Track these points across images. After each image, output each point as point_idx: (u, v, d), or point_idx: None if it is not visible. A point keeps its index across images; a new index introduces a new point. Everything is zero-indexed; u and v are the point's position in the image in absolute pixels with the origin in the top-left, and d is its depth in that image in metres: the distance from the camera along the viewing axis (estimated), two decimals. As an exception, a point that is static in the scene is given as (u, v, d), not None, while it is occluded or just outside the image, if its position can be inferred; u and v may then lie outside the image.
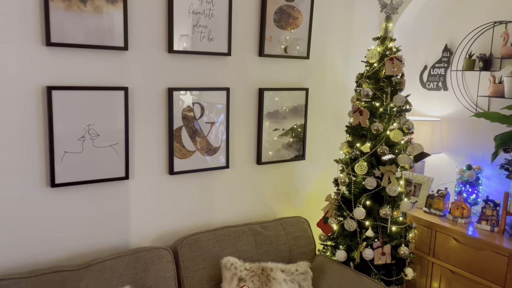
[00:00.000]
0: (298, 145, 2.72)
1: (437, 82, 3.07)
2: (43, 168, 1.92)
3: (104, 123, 2.02)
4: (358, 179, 2.39)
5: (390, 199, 2.35)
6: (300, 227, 2.51)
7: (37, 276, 1.76)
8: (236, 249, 2.24)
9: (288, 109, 2.64)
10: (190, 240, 2.17)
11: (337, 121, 2.92)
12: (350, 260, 2.40)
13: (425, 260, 2.64)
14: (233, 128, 2.47)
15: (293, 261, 2.39)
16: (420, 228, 2.65)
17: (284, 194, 2.75)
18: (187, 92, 2.25)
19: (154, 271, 2.00)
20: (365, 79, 2.39)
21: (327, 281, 2.22)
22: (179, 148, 2.28)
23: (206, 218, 2.45)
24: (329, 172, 2.92)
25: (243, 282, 2.05)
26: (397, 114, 2.37)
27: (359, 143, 2.39)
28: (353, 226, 2.35)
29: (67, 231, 2.02)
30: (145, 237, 2.25)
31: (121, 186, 2.14)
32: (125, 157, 2.11)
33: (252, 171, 2.59)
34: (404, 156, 2.30)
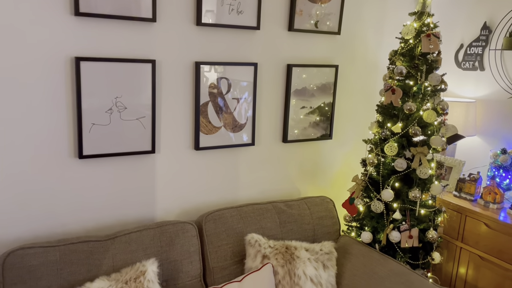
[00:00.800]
0: (325, 124, 2.66)
1: (473, 61, 2.93)
2: (71, 140, 1.93)
3: (131, 96, 2.01)
4: (387, 160, 2.32)
5: (420, 181, 2.27)
6: (325, 207, 2.47)
7: (65, 245, 1.79)
8: (260, 227, 2.23)
9: (317, 87, 2.57)
10: (215, 216, 2.16)
11: (367, 100, 2.83)
12: (376, 242, 2.35)
13: (452, 245, 2.58)
14: (259, 104, 2.42)
15: (317, 240, 2.37)
16: (449, 212, 2.57)
17: (310, 173, 2.71)
18: (214, 66, 2.21)
19: (179, 245, 2.01)
20: (399, 56, 2.29)
21: (352, 262, 2.19)
22: (205, 123, 2.25)
23: (230, 194, 2.44)
24: (357, 153, 2.86)
25: (267, 259, 2.04)
26: (431, 93, 2.27)
27: (390, 123, 2.31)
28: (380, 208, 2.30)
29: (94, 202, 2.04)
30: (170, 211, 2.26)
31: (147, 160, 2.14)
32: (151, 131, 2.10)
33: (278, 149, 2.55)
34: (436, 138, 2.22)
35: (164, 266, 1.95)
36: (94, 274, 1.79)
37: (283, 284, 2.00)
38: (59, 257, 1.74)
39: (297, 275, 2.01)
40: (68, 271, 1.74)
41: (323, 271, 2.07)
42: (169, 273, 1.96)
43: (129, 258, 1.88)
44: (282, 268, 2.02)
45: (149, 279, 1.78)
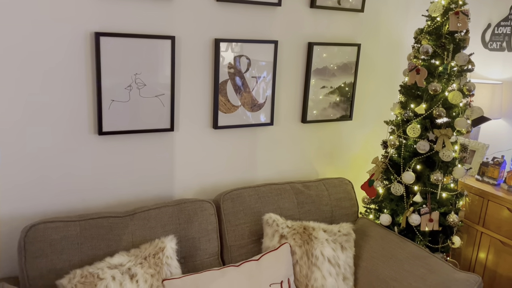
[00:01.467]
0: (345, 104, 2.60)
1: (501, 42, 2.82)
2: (91, 116, 1.93)
3: (150, 73, 1.99)
4: (409, 142, 2.27)
5: (442, 164, 2.22)
6: (344, 188, 2.44)
7: (85, 220, 1.81)
8: (278, 207, 2.22)
9: (337, 66, 2.51)
10: (233, 195, 2.16)
11: (390, 81, 2.76)
12: (395, 225, 2.32)
13: (473, 230, 2.53)
14: (279, 83, 2.38)
15: (335, 222, 2.35)
16: (471, 196, 2.52)
17: (328, 154, 2.67)
18: (233, 44, 2.16)
19: (197, 223, 2.01)
20: (425, 34, 2.22)
21: (370, 244, 2.17)
22: (224, 102, 2.22)
23: (248, 174, 2.43)
24: (377, 134, 2.80)
25: (284, 239, 2.03)
26: (457, 74, 2.19)
27: (413, 104, 2.25)
28: (400, 191, 2.26)
29: (114, 178, 2.05)
30: (188, 189, 2.26)
31: (166, 138, 2.13)
32: (170, 109, 2.08)
33: (297, 130, 2.51)
34: (461, 120, 2.16)
35: (182, 243, 1.96)
36: (114, 249, 1.81)
37: (301, 264, 1.99)
38: (79, 232, 1.76)
39: (315, 255, 2.00)
40: (88, 245, 1.76)
41: (341, 252, 2.05)
42: (187, 250, 1.97)
43: (148, 234, 1.89)
44: (300, 248, 2.01)
45: (167, 255, 1.79)
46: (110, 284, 1.63)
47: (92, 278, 1.62)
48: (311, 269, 1.98)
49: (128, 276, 1.68)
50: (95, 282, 1.61)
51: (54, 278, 1.68)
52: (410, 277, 1.94)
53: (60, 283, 1.59)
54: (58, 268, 1.69)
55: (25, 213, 1.88)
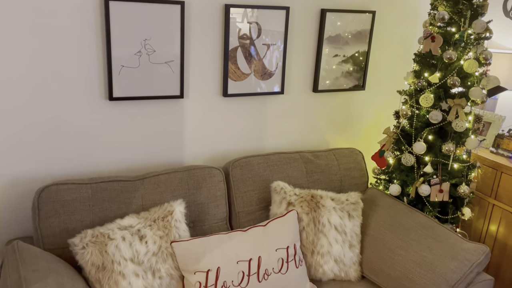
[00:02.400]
0: (358, 74, 2.56)
1: (524, 10, 2.71)
2: (101, 81, 1.95)
3: (160, 39, 1.99)
4: (422, 112, 2.23)
5: (455, 135, 2.19)
6: (354, 158, 2.43)
7: (97, 183, 1.85)
8: (287, 175, 2.23)
9: (351, 34, 2.45)
10: (242, 163, 2.17)
11: (404, 49, 2.69)
12: (404, 195, 2.32)
13: (485, 202, 2.51)
14: (290, 51, 2.35)
15: (344, 191, 2.35)
16: (484, 168, 2.48)
17: (339, 124, 2.65)
18: (244, 9, 2.13)
19: (206, 189, 2.04)
20: (442, 0, 2.14)
21: (378, 213, 2.17)
22: (234, 69, 2.21)
23: (257, 143, 2.43)
24: (390, 104, 2.76)
25: (292, 207, 2.05)
26: (474, 42, 2.13)
27: (427, 72, 2.20)
28: (410, 161, 2.24)
29: (125, 144, 2.08)
30: (198, 157, 2.29)
31: (175, 105, 2.15)
32: (180, 76, 2.09)
33: (308, 99, 2.49)
34: (476, 89, 2.10)
35: (191, 208, 2.00)
36: (124, 211, 1.86)
37: (307, 231, 2.01)
38: (91, 194, 1.81)
39: (322, 223, 2.02)
40: (100, 207, 1.81)
41: (348, 221, 2.07)
42: (196, 215, 2.01)
43: (157, 198, 1.93)
44: (307, 216, 2.03)
45: (176, 218, 1.83)
46: (120, 244, 1.68)
47: (103, 238, 1.68)
48: (317, 235, 2.01)
49: (137, 237, 1.73)
50: (106, 241, 1.67)
51: (66, 237, 1.74)
52: (417, 246, 1.94)
53: (72, 242, 1.65)
54: (70, 228, 1.75)
55: (37, 176, 1.94)
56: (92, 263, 1.63)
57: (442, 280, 1.79)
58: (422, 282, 1.83)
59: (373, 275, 2.02)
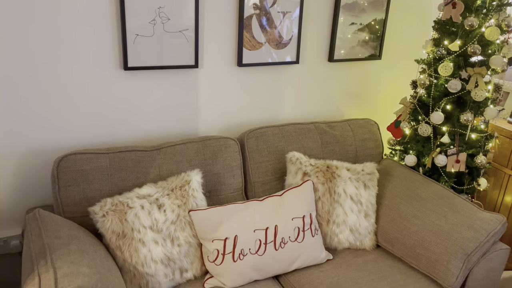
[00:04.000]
0: (375, 42, 2.51)
1: (548, -25, 2.60)
2: (116, 50, 1.93)
3: (174, 7, 1.95)
4: (441, 81, 2.19)
5: (473, 104, 2.15)
6: (369, 129, 2.41)
7: (114, 153, 1.86)
8: (302, 146, 2.22)
9: (368, 2, 2.39)
10: (257, 133, 2.17)
11: (424, 17, 2.62)
12: (420, 166, 2.31)
13: (501, 172, 2.49)
14: (306, 20, 2.30)
15: (359, 162, 2.35)
16: (501, 139, 2.45)
17: (355, 95, 2.62)
18: (259, -24, 2.08)
19: (222, 159, 2.05)
20: (465, -36, 2.06)
21: (394, 184, 2.17)
22: (249, 38, 2.17)
23: (272, 113, 2.42)
24: (407, 74, 2.71)
25: (307, 177, 2.06)
26: (497, 8, 2.06)
27: (447, 40, 2.14)
28: (427, 131, 2.22)
29: (140, 114, 2.08)
30: (213, 127, 2.28)
31: (190, 75, 2.13)
32: (194, 45, 2.06)
33: (323, 69, 2.45)
34: (497, 57, 2.05)
35: (208, 178, 2.01)
36: (142, 181, 1.87)
37: (323, 201, 2.02)
38: (109, 164, 1.82)
39: (337, 192, 2.03)
40: (118, 177, 1.83)
41: (364, 191, 2.07)
42: (212, 185, 2.02)
43: (174, 168, 1.94)
44: (323, 186, 2.03)
45: (193, 188, 1.84)
46: (139, 212, 1.70)
47: (122, 206, 1.70)
48: (333, 205, 2.01)
49: (156, 205, 1.75)
50: (125, 210, 1.69)
51: (86, 206, 1.77)
52: (433, 215, 1.94)
53: (92, 210, 1.68)
54: (89, 196, 1.78)
55: (55, 145, 1.95)
56: (113, 231, 1.66)
57: (458, 249, 1.80)
58: (438, 251, 1.84)
59: (388, 244, 2.03)
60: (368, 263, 1.97)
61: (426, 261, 1.87)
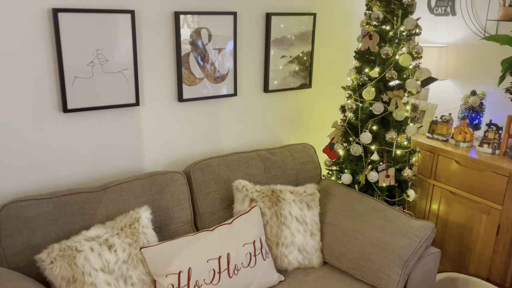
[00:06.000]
0: (304, 73, 2.71)
1: (445, 7, 3.00)
2: (55, 94, 1.92)
3: (112, 48, 2.00)
4: (365, 104, 2.41)
5: (396, 124, 2.39)
6: (307, 153, 2.57)
7: (58, 197, 1.83)
8: (246, 173, 2.32)
9: (295, 36, 2.59)
10: (202, 165, 2.23)
11: (345, 47, 2.89)
12: (355, 183, 2.49)
13: (426, 183, 2.75)
14: (240, 55, 2.44)
15: (300, 184, 2.48)
16: (423, 153, 2.72)
17: (291, 122, 2.79)
18: (194, 16, 2.19)
19: (169, 193, 2.08)
20: (376, 1, 2.33)
21: (334, 202, 2.32)
22: (188, 75, 2.26)
23: (215, 145, 2.50)
24: (336, 100, 2.94)
25: (254, 203, 2.14)
26: (406, 38, 2.34)
27: (367, 68, 2.38)
28: (359, 151, 2.42)
29: (82, 155, 2.06)
30: (158, 162, 2.31)
31: (132, 113, 2.16)
32: (134, 83, 2.10)
33: (260, 99, 2.60)
34: (412, 81, 2.31)
35: (157, 213, 2.02)
36: (89, 223, 1.85)
37: (271, 224, 2.11)
38: (53, 208, 1.79)
39: (283, 215, 2.13)
40: (63, 221, 1.79)
41: (308, 211, 2.19)
42: (161, 220, 2.04)
43: (122, 207, 1.94)
44: (269, 210, 2.13)
45: (143, 224, 1.85)
46: (89, 255, 1.68)
47: (71, 250, 1.67)
48: (280, 228, 2.11)
49: (106, 246, 1.73)
50: (74, 254, 1.66)
51: (32, 254, 1.71)
52: (371, 228, 2.11)
53: (39, 258, 1.63)
54: (34, 244, 1.72)
55: (-5, 194, 1.87)
56: (62, 277, 1.62)
57: (396, 257, 1.97)
58: (379, 261, 1.99)
59: (334, 260, 2.16)
60: (318, 280, 2.07)
61: (369, 271, 2.01)
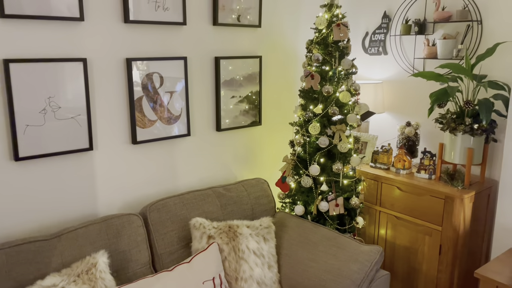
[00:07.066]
0: (254, 111, 2.85)
1: (377, 47, 3.30)
2: (5, 142, 1.91)
3: (64, 95, 2.03)
4: (312, 139, 2.58)
5: (341, 155, 2.56)
6: (261, 187, 2.68)
7: (11, 248, 1.79)
8: (203, 211, 2.37)
9: (243, 77, 2.75)
10: (158, 205, 2.26)
11: (290, 86, 3.08)
12: (308, 214, 2.61)
13: (373, 210, 2.93)
14: (192, 96, 2.54)
15: (256, 218, 2.56)
16: (367, 181, 2.91)
17: (244, 158, 2.90)
18: (145, 62, 2.29)
19: (126, 236, 2.08)
20: (315, 45, 2.55)
21: (289, 233, 2.42)
22: (141, 117, 2.33)
23: (171, 184, 2.54)
24: (285, 135, 3.10)
25: (212, 239, 2.19)
26: (345, 77, 2.56)
27: (311, 105, 2.56)
28: (309, 183, 2.56)
29: (35, 203, 2.03)
30: (113, 206, 2.31)
31: (85, 157, 2.17)
32: (88, 129, 2.13)
33: (213, 138, 2.70)
34: (352, 116, 2.51)
35: (114, 257, 2.02)
36: (44, 272, 1.81)
37: (229, 260, 2.16)
38: (5, 260, 1.74)
39: (241, 250, 2.19)
40: (17, 272, 1.75)
41: (264, 244, 2.27)
42: (119, 263, 2.03)
43: (77, 253, 1.92)
44: (227, 245, 2.19)
45: (100, 270, 1.84)
46: (46, 305, 1.65)
47: (26, 302, 1.63)
48: (239, 262, 2.17)
49: (63, 295, 1.71)
50: (29, 306, 1.62)
51: (-17, 310, 1.65)
52: (325, 256, 2.21)
53: (-9, 313, 1.57)
54: (-14, 299, 1.66)
55: None
56: (17, 331, 1.57)
57: (349, 282, 2.08)
58: (334, 287, 2.09)
59: (292, 290, 2.23)
60: (278, 311, 2.13)
61: (326, 298, 2.10)
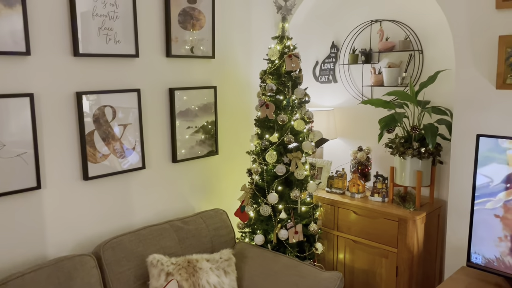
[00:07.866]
0: (210, 141, 2.84)
1: (327, 75, 3.43)
2: None
3: (9, 133, 1.92)
4: (269, 167, 2.60)
5: (298, 182, 2.59)
6: (219, 218, 2.64)
7: None
8: (160, 247, 2.29)
9: (199, 107, 2.74)
10: (113, 243, 2.16)
11: (246, 116, 3.11)
12: (268, 243, 2.60)
13: (331, 234, 2.97)
14: (146, 128, 2.50)
15: (216, 250, 2.51)
16: (324, 206, 2.96)
17: (201, 189, 2.86)
18: (96, 95, 2.23)
19: (79, 278, 1.97)
20: (268, 75, 2.60)
21: (249, 264, 2.39)
22: (93, 152, 2.25)
23: (126, 220, 2.45)
24: (242, 164, 3.10)
25: (171, 276, 2.12)
26: (298, 105, 2.62)
27: (267, 134, 2.59)
28: (268, 211, 2.56)
29: (-25, 250, 1.88)
30: (64, 246, 2.19)
31: (33, 196, 2.05)
32: (35, 166, 2.03)
33: (169, 170, 2.64)
34: (307, 143, 2.57)
35: (66, 303, 1.89)
36: (-13, 326, 1.67)
37: (190, 296, 2.10)
38: None
39: (201, 285, 2.13)
40: (-45, 328, 1.59)
41: (225, 277, 2.22)
42: (71, 309, 1.91)
43: (25, 301, 1.79)
44: (187, 282, 2.12)
45: (51, 318, 1.72)
46: None
47: None
48: (200, 298, 2.10)
49: None
50: None
51: None
52: (286, 286, 2.20)
53: None
54: None
55: None
56: None
57: (312, 310, 2.07)
58: (297, 317, 2.07)
59: (256, 323, 2.19)
60: None
61: (290, 328, 2.08)
